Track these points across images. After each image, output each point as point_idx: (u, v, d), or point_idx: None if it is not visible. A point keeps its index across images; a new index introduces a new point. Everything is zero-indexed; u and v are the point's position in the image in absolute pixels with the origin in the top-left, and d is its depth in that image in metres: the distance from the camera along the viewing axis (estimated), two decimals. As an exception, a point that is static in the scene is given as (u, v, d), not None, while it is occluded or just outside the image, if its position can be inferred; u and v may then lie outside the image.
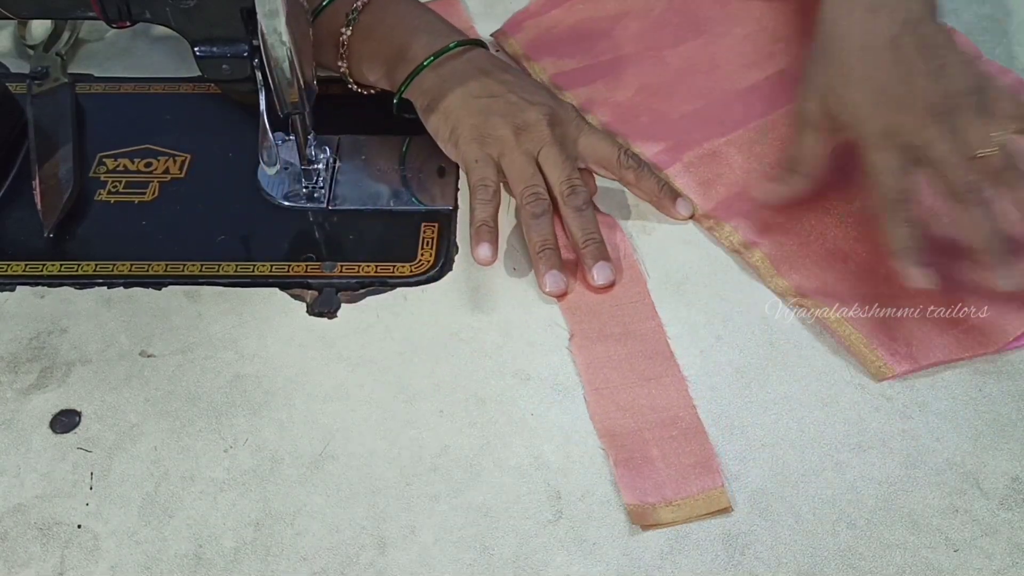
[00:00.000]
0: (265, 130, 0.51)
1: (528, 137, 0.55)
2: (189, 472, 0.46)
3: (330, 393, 0.49)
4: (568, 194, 0.54)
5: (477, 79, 0.56)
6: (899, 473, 0.45)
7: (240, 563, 0.43)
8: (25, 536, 0.44)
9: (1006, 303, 0.50)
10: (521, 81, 0.57)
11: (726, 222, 0.55)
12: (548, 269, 0.52)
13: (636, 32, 0.67)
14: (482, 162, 0.54)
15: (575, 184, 0.54)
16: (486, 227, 0.52)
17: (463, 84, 0.56)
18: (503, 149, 0.55)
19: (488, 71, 0.57)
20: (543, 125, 0.55)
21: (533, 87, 0.57)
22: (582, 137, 0.56)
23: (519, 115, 0.55)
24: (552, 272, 0.52)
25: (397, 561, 0.43)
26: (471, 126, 0.55)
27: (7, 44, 0.68)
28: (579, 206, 0.54)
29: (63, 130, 0.60)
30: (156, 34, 0.68)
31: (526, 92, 0.56)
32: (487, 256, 0.52)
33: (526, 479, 0.46)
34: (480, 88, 0.56)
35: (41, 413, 0.48)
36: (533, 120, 0.55)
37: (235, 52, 0.49)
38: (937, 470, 0.46)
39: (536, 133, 0.55)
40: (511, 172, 0.55)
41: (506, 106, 0.55)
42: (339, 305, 0.53)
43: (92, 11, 0.47)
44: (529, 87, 0.57)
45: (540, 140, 0.55)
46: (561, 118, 0.56)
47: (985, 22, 0.69)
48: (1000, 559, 0.43)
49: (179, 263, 0.54)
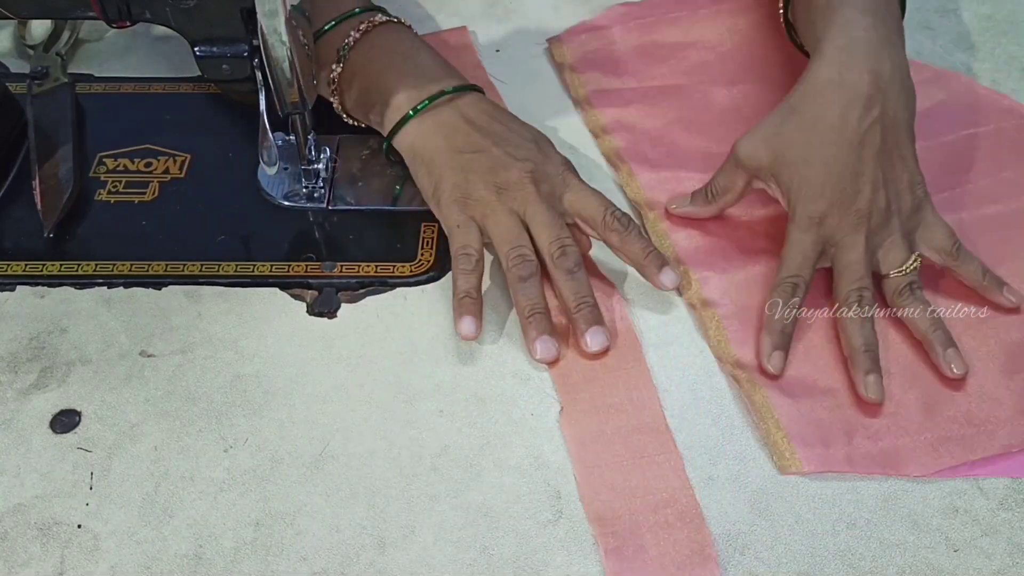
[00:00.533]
0: (265, 130, 0.51)
1: (512, 196, 0.52)
2: (189, 472, 0.46)
3: (330, 393, 0.49)
4: (558, 256, 0.51)
5: (462, 132, 0.53)
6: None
7: (240, 563, 0.43)
8: (25, 536, 0.44)
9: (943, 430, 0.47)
10: (509, 132, 0.54)
11: (694, 273, 0.53)
12: (538, 335, 0.49)
13: (695, 64, 0.65)
14: (463, 227, 0.52)
15: (565, 244, 0.51)
16: (468, 299, 0.50)
17: (447, 138, 0.53)
18: (485, 211, 0.52)
19: (475, 121, 0.54)
20: (527, 183, 0.52)
21: (520, 139, 0.54)
22: (568, 192, 0.53)
23: (502, 173, 0.52)
24: (543, 338, 0.49)
25: (397, 561, 0.43)
26: (453, 185, 0.52)
27: (7, 44, 0.68)
28: (570, 268, 0.50)
29: (63, 130, 0.60)
30: (156, 34, 0.69)
31: (511, 146, 0.53)
32: (471, 331, 0.49)
33: (526, 479, 0.46)
34: (464, 142, 0.53)
35: (41, 413, 0.48)
36: (516, 178, 0.52)
37: (235, 52, 0.49)
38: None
39: (520, 192, 0.52)
40: (495, 233, 0.52)
41: (489, 163, 0.52)
42: (339, 305, 0.53)
43: (92, 11, 0.47)
44: (515, 140, 0.54)
45: (525, 199, 0.52)
46: (547, 173, 0.53)
47: (985, 22, 0.69)
48: (1000, 559, 0.43)
49: (179, 263, 0.54)
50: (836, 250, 0.50)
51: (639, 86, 0.64)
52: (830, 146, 0.50)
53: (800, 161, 0.50)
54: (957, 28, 0.69)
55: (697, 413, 0.48)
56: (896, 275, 0.50)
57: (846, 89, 0.50)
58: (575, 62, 0.66)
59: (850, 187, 0.49)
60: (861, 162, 0.50)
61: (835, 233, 0.50)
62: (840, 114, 0.50)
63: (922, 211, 0.51)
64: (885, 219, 0.50)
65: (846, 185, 0.49)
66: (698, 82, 0.64)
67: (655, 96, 0.63)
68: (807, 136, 0.50)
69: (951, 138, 0.60)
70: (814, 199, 0.50)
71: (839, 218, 0.50)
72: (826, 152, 0.50)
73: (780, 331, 0.49)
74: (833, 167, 0.50)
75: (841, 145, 0.50)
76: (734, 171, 0.53)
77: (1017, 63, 0.66)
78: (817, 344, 0.50)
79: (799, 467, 0.45)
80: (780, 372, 0.48)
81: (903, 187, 0.51)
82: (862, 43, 0.51)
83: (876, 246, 0.50)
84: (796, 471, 0.45)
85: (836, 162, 0.50)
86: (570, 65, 0.66)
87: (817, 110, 0.51)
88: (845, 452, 0.46)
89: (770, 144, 0.51)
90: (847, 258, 0.50)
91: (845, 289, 0.50)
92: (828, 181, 0.50)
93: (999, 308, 0.51)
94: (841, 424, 0.47)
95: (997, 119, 0.61)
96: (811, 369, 0.49)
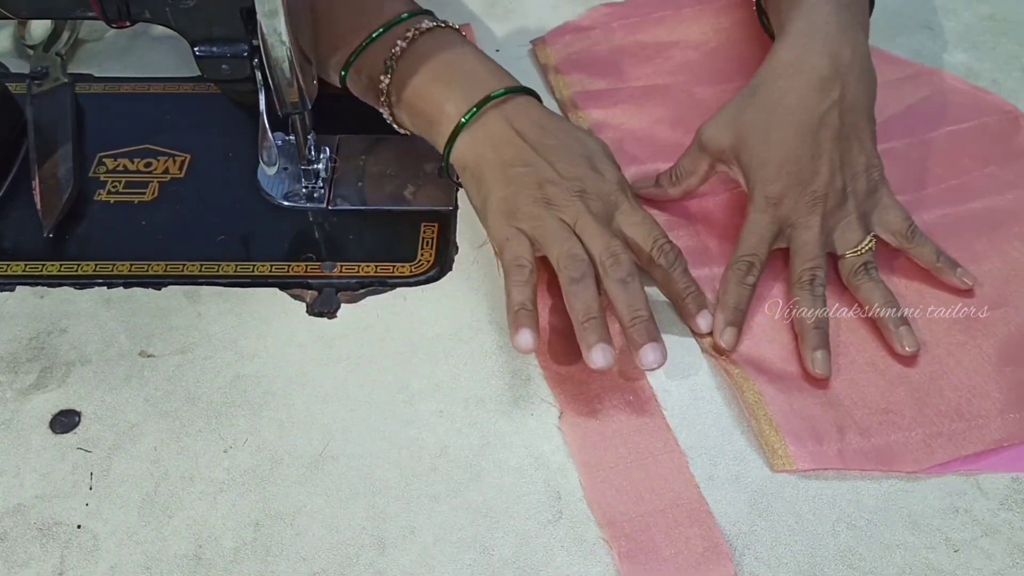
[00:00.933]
0: (265, 130, 0.51)
1: (561, 210, 0.50)
2: (189, 472, 0.46)
3: (330, 393, 0.49)
4: (611, 264, 0.48)
5: (512, 144, 0.51)
6: (899, 473, 0.45)
7: (240, 563, 0.43)
8: (25, 536, 0.44)
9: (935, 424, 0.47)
10: (560, 145, 0.52)
11: None
12: (597, 340, 0.45)
13: (678, 64, 0.65)
14: (513, 239, 0.49)
15: (617, 252, 0.48)
16: (524, 311, 0.47)
17: (496, 149, 0.52)
18: (534, 222, 0.50)
19: (524, 133, 0.52)
20: (576, 201, 0.50)
21: (571, 153, 0.52)
22: (618, 214, 0.51)
23: (550, 188, 0.50)
24: (600, 345, 0.45)
25: (397, 561, 0.43)
26: (500, 199, 0.51)
27: (7, 44, 0.68)
28: (623, 278, 0.47)
29: (63, 130, 0.60)
30: (156, 34, 0.69)
31: (561, 161, 0.51)
32: (528, 343, 0.46)
33: (526, 479, 0.46)
34: (513, 155, 0.51)
35: (41, 413, 0.48)
36: (565, 196, 0.50)
37: (235, 52, 0.49)
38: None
39: (570, 207, 0.50)
40: (545, 239, 0.49)
41: (537, 178, 0.50)
42: (339, 305, 0.53)
43: (92, 11, 0.47)
44: (566, 154, 0.51)
45: (575, 213, 0.50)
46: (597, 192, 0.51)
47: (985, 22, 0.69)
48: (1000, 559, 0.43)
49: (179, 263, 0.54)
50: (792, 230, 0.51)
51: (624, 86, 0.64)
52: (788, 128, 0.51)
53: (759, 143, 0.51)
54: (957, 28, 0.69)
55: (697, 413, 0.48)
56: (851, 255, 0.51)
57: (805, 72, 0.51)
58: (559, 63, 0.66)
59: (807, 169, 0.50)
60: (818, 144, 0.50)
61: (791, 214, 0.51)
62: (799, 96, 0.51)
63: (878, 193, 0.52)
64: (841, 201, 0.51)
65: (803, 166, 0.50)
66: (683, 81, 0.64)
67: (640, 96, 0.63)
68: (766, 118, 0.51)
69: (934, 135, 0.60)
70: (772, 180, 0.51)
71: (795, 199, 0.51)
72: (784, 134, 0.51)
73: (734, 307, 0.50)
74: (791, 148, 0.50)
75: (799, 127, 0.50)
76: (698, 154, 0.54)
77: (1017, 63, 0.66)
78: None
79: (791, 464, 0.45)
80: (732, 348, 0.49)
81: (859, 170, 0.52)
82: (822, 27, 0.52)
83: (832, 227, 0.51)
84: (788, 468, 0.45)
85: (794, 144, 0.50)
86: (554, 66, 0.66)
87: (776, 93, 0.52)
88: (837, 448, 0.46)
89: (731, 127, 0.52)
90: (802, 238, 0.51)
91: (799, 268, 0.51)
92: (786, 162, 0.50)
93: (955, 290, 0.52)
94: (833, 420, 0.47)
95: (980, 115, 0.61)
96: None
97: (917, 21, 0.69)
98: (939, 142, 0.60)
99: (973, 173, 0.58)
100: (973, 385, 0.48)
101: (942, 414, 0.47)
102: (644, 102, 0.63)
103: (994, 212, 0.56)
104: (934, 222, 0.55)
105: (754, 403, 0.47)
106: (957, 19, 0.69)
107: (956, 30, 0.68)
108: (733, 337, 0.49)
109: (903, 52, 0.66)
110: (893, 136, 0.60)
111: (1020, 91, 0.63)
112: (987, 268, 0.53)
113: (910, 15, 0.70)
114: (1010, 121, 0.61)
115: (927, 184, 0.57)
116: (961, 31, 0.68)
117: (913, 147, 0.59)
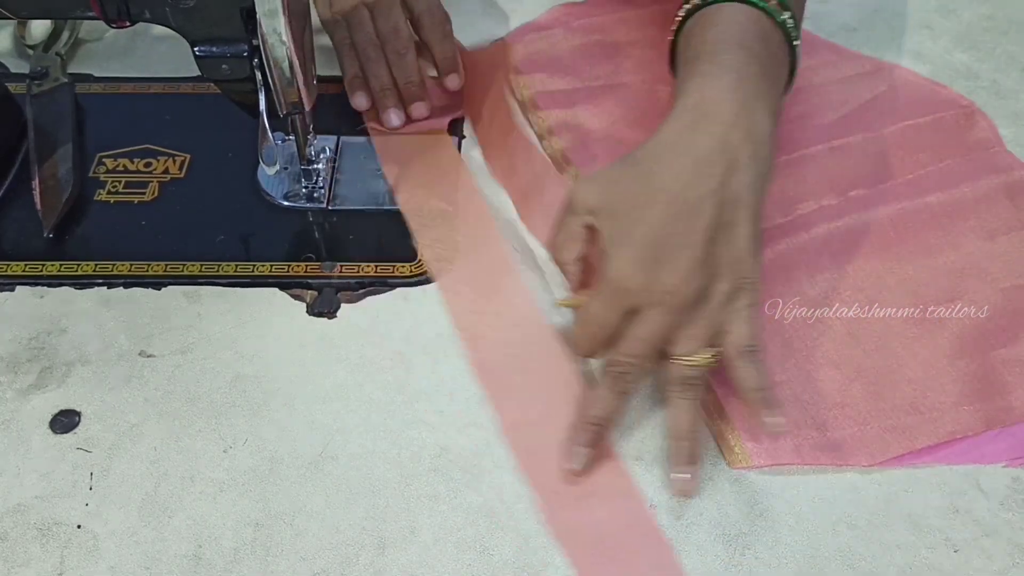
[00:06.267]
0: (265, 130, 0.51)
1: None
2: (189, 472, 0.46)
3: (330, 393, 0.49)
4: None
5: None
6: (899, 473, 0.45)
7: (240, 563, 0.43)
8: (25, 536, 0.44)
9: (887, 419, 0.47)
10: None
11: None
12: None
13: (640, 62, 0.65)
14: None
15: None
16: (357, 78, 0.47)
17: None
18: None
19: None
20: None
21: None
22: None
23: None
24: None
25: (397, 561, 0.43)
26: None
27: (7, 44, 0.68)
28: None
29: (63, 130, 0.60)
30: (156, 34, 0.69)
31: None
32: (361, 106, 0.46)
33: (526, 479, 0.46)
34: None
35: (41, 413, 0.48)
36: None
37: (235, 52, 0.49)
38: (937, 470, 0.46)
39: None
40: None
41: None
42: (339, 305, 0.53)
43: (92, 11, 0.47)
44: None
45: None
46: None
47: (985, 22, 0.69)
48: (1000, 559, 0.43)
49: (179, 263, 0.54)
50: (635, 315, 0.46)
51: (583, 86, 0.64)
52: (658, 211, 0.45)
53: (625, 217, 0.46)
54: (957, 28, 0.69)
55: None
56: (680, 364, 0.46)
57: (688, 153, 0.46)
58: (519, 63, 0.65)
59: (667, 258, 0.45)
60: (686, 234, 0.45)
61: (637, 301, 0.45)
62: (676, 177, 0.45)
63: (738, 301, 0.46)
64: (694, 302, 0.45)
65: (663, 255, 0.45)
66: (642, 80, 0.64)
67: (601, 94, 0.63)
68: (639, 192, 0.46)
69: (892, 129, 0.60)
70: (627, 262, 0.45)
71: (647, 288, 0.45)
72: (652, 215, 0.45)
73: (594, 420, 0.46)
74: (656, 233, 0.45)
75: (669, 211, 0.45)
76: (571, 218, 0.49)
77: (1017, 63, 0.66)
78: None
79: (748, 461, 0.45)
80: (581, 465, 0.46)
81: (724, 271, 0.45)
82: (717, 103, 0.46)
83: (674, 327, 0.46)
84: (745, 465, 0.46)
85: (660, 228, 0.45)
86: (514, 67, 0.65)
87: (656, 170, 0.46)
88: (794, 443, 0.46)
89: (604, 191, 0.47)
90: (636, 331, 0.46)
91: (616, 356, 0.46)
92: (646, 247, 0.45)
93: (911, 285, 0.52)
94: (789, 416, 0.47)
95: (936, 109, 0.61)
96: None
97: (917, 21, 0.69)
98: (896, 137, 0.60)
99: (929, 167, 0.58)
100: (928, 378, 0.48)
101: (897, 408, 0.47)
102: (603, 101, 0.63)
103: (949, 206, 0.56)
104: (891, 217, 0.55)
105: (712, 404, 0.48)
106: (957, 19, 0.69)
107: (956, 30, 0.68)
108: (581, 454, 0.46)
109: (903, 52, 0.66)
110: (851, 131, 0.60)
111: (1020, 91, 0.63)
112: (941, 261, 0.53)
113: (910, 15, 0.70)
114: (965, 116, 0.61)
115: (884, 178, 0.57)
116: (961, 31, 0.68)
117: (870, 142, 0.59)
